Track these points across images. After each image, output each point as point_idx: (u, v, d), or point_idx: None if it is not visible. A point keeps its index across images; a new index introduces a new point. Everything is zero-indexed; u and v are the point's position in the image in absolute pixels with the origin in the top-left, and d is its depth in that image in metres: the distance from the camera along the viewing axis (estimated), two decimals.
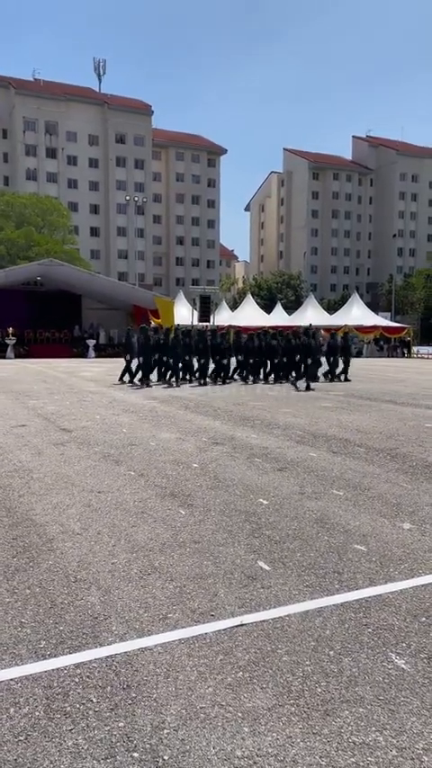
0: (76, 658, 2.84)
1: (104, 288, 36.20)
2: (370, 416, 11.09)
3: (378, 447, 8.08)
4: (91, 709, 2.46)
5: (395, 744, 2.27)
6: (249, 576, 3.79)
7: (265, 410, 11.93)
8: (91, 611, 3.31)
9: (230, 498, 5.56)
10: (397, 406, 12.66)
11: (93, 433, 8.97)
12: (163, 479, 6.26)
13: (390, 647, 2.95)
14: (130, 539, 4.46)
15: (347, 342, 20.52)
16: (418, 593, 3.56)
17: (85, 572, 3.85)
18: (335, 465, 7.00)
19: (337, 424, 10.15)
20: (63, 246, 51.51)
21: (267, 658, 2.84)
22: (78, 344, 35.16)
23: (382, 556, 4.16)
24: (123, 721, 2.39)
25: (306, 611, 3.32)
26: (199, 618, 3.23)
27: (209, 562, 4.01)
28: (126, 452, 7.62)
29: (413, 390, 16.46)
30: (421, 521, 4.96)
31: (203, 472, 6.59)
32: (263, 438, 8.72)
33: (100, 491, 5.79)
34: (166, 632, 3.08)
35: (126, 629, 3.11)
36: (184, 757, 2.18)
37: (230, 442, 8.35)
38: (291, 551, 4.22)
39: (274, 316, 46.50)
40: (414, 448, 8.04)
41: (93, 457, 7.35)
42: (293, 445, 8.19)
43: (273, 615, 3.27)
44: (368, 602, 3.45)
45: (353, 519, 4.98)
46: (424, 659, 2.85)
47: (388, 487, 6.02)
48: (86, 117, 76.09)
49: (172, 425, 9.85)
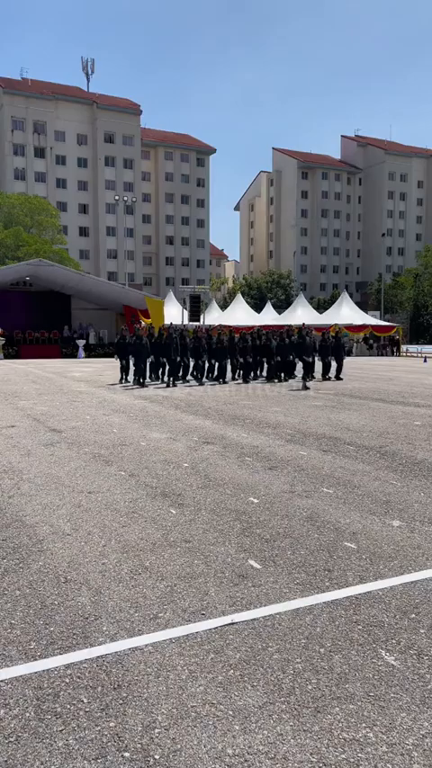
0: (66, 659, 2.83)
1: (94, 288, 36.09)
2: (360, 415, 11.14)
3: (368, 445, 8.11)
4: (81, 710, 2.46)
5: (385, 740, 2.28)
6: (240, 574, 3.80)
7: (256, 409, 11.95)
8: (81, 611, 3.30)
9: (221, 497, 5.56)
10: (386, 405, 12.72)
11: (83, 434, 8.95)
12: (153, 479, 6.25)
13: (380, 644, 2.96)
14: (121, 539, 4.45)
15: (340, 341, 20.59)
16: (407, 590, 3.58)
17: (75, 572, 3.83)
18: (325, 463, 7.03)
19: (327, 422, 10.18)
20: (52, 246, 51.30)
21: (258, 656, 2.84)
22: (68, 345, 35.07)
23: (372, 553, 4.18)
24: (114, 721, 2.38)
25: (297, 609, 3.33)
26: (190, 617, 3.23)
27: (199, 561, 4.01)
28: (116, 452, 7.60)
29: (402, 389, 16.55)
30: (411, 518, 4.99)
31: (194, 471, 6.59)
32: (253, 437, 8.74)
33: (90, 491, 5.77)
34: (157, 632, 3.07)
35: (117, 629, 3.11)
36: (175, 756, 2.18)
37: (221, 442, 8.35)
38: (281, 549, 4.23)
39: (263, 315, 46.53)
40: (403, 446, 8.08)
41: (83, 457, 7.33)
42: (284, 444, 8.21)
43: (263, 613, 3.27)
44: (358, 599, 3.47)
45: (343, 517, 5.00)
46: (413, 655, 2.86)
47: (378, 485, 6.05)
48: (75, 116, 75.82)
49: (162, 425, 9.84)
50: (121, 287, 39.89)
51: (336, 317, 40.86)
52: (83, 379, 19.22)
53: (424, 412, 11.54)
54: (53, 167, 74.24)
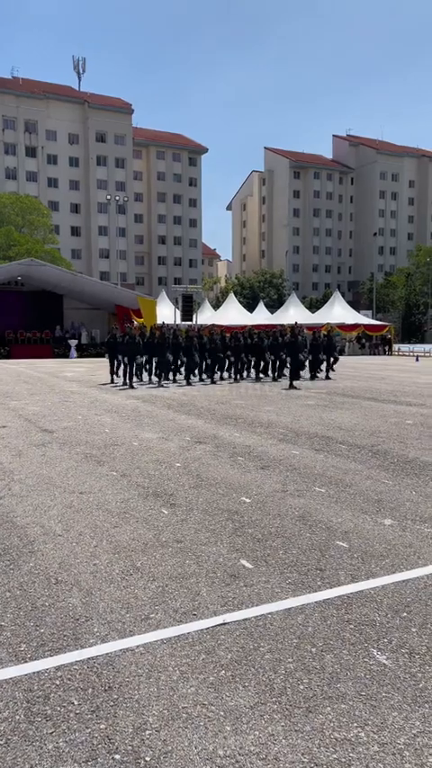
0: (56, 661, 2.81)
1: (86, 287, 35.97)
2: (352, 414, 11.16)
3: (360, 444, 8.13)
4: (72, 712, 2.44)
5: (377, 739, 2.28)
6: (232, 574, 3.79)
7: (248, 408, 11.94)
8: (72, 612, 3.28)
9: (213, 497, 5.55)
10: (378, 404, 12.75)
11: (75, 434, 8.91)
12: (145, 479, 6.23)
13: (371, 643, 2.96)
14: (112, 539, 4.43)
15: (332, 340, 20.63)
16: (399, 589, 3.59)
17: (66, 573, 3.81)
18: (317, 462, 7.03)
19: (320, 421, 10.19)
20: (44, 246, 51.08)
21: (250, 656, 2.84)
22: (60, 345, 34.93)
23: (364, 552, 4.19)
24: (105, 723, 2.37)
25: (288, 609, 3.32)
26: (181, 617, 3.22)
27: (191, 561, 4.00)
28: (108, 453, 7.57)
29: (394, 388, 16.59)
30: (402, 516, 4.99)
31: (186, 471, 6.57)
32: (246, 436, 8.73)
33: (82, 492, 5.75)
34: (148, 632, 3.06)
35: (108, 630, 3.09)
36: (166, 758, 2.17)
37: (213, 441, 8.34)
38: (273, 549, 4.23)
39: (256, 315, 46.53)
40: (395, 444, 8.10)
41: (75, 457, 7.30)
42: (276, 443, 8.21)
43: (255, 613, 3.26)
44: (350, 598, 3.46)
45: (335, 516, 5.00)
46: (405, 654, 2.86)
47: (369, 484, 6.06)
48: (66, 115, 75.51)
49: (154, 425, 9.82)
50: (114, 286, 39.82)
51: (328, 316, 40.91)
52: (75, 379, 19.15)
53: (416, 411, 11.57)
54: (44, 167, 73.91)
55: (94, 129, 76.21)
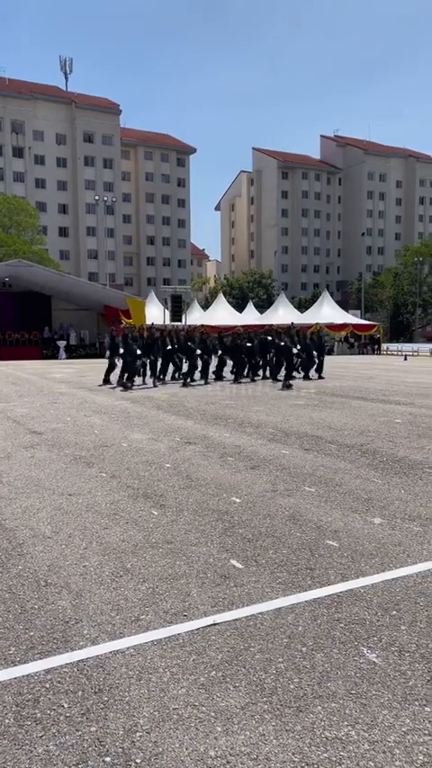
0: (46, 664, 2.79)
1: (75, 288, 35.86)
2: (341, 413, 11.20)
3: (349, 443, 8.16)
4: (62, 715, 2.43)
5: (367, 737, 2.28)
6: (222, 574, 3.79)
7: (238, 409, 11.95)
8: (62, 615, 3.27)
9: (203, 498, 5.55)
10: (367, 403, 12.80)
11: (63, 435, 8.87)
12: (135, 480, 6.22)
13: (361, 642, 2.97)
14: (102, 541, 4.42)
15: (321, 340, 20.71)
16: (388, 587, 3.60)
17: (55, 576, 3.79)
18: (307, 462, 7.04)
19: (309, 421, 10.21)
20: (31, 247, 50.80)
21: (240, 657, 2.84)
22: (49, 346, 34.80)
23: (354, 551, 4.20)
24: (95, 726, 2.36)
25: (279, 609, 3.32)
26: (172, 618, 3.21)
27: (181, 562, 3.99)
28: (97, 454, 7.55)
29: (383, 387, 16.67)
30: (391, 515, 5.02)
31: (176, 472, 6.56)
32: (235, 436, 8.73)
33: (71, 494, 5.72)
34: (139, 634, 3.05)
35: (98, 632, 3.08)
36: (157, 759, 2.16)
37: (203, 442, 8.34)
38: (263, 549, 4.23)
39: (245, 315, 46.61)
40: (384, 443, 8.14)
41: (63, 459, 7.27)
42: (266, 443, 8.22)
43: (245, 613, 3.26)
44: (340, 597, 3.47)
45: (325, 515, 5.01)
46: (395, 652, 2.87)
47: (359, 483, 6.08)
48: (53, 116, 75.22)
49: (144, 426, 9.80)
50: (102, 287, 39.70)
51: (317, 316, 41.06)
52: (64, 381, 19.07)
53: (404, 410, 11.63)
54: (32, 167, 73.57)
55: (81, 130, 75.98)
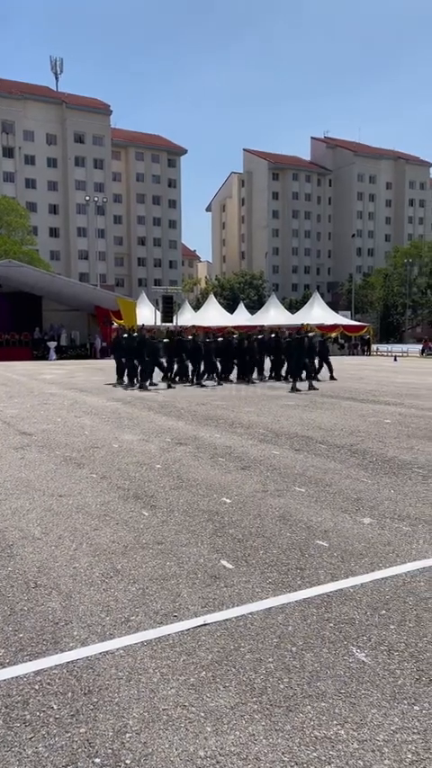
0: (36, 665, 2.78)
1: (65, 289, 35.74)
2: (331, 414, 11.23)
3: (339, 444, 8.18)
4: (51, 717, 2.42)
5: (356, 736, 2.29)
6: (212, 575, 3.79)
7: (229, 409, 11.96)
8: (52, 616, 3.26)
9: (194, 498, 5.55)
10: (357, 403, 12.85)
11: (54, 436, 8.84)
12: (126, 481, 6.21)
13: (351, 641, 2.98)
14: (92, 542, 4.41)
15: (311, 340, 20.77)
16: (378, 587, 3.62)
17: (45, 577, 3.78)
18: (297, 462, 7.06)
19: (300, 421, 10.24)
20: (22, 247, 50.60)
21: (230, 657, 2.84)
22: (39, 347, 34.64)
23: (344, 551, 4.22)
24: (85, 727, 2.35)
25: (269, 609, 3.33)
26: (162, 619, 3.21)
27: (172, 563, 3.99)
28: (88, 455, 7.53)
29: (373, 387, 16.74)
30: (381, 515, 5.04)
31: (167, 473, 6.56)
32: (226, 437, 8.74)
33: (61, 495, 5.70)
34: (129, 635, 3.05)
35: (88, 633, 3.07)
36: (147, 760, 2.16)
37: (194, 442, 8.34)
38: (253, 549, 4.24)
39: (236, 316, 46.67)
40: (374, 444, 8.17)
41: (54, 460, 7.24)
42: (256, 444, 8.23)
43: (236, 614, 3.27)
44: (330, 596, 3.49)
45: (315, 515, 5.03)
46: (384, 651, 2.89)
47: (349, 483, 6.10)
48: (44, 116, 74.99)
49: (135, 427, 9.79)
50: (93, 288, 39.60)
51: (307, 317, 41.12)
52: (54, 382, 19.00)
53: (394, 410, 11.69)
54: (22, 167, 73.28)
55: (71, 130, 75.80)
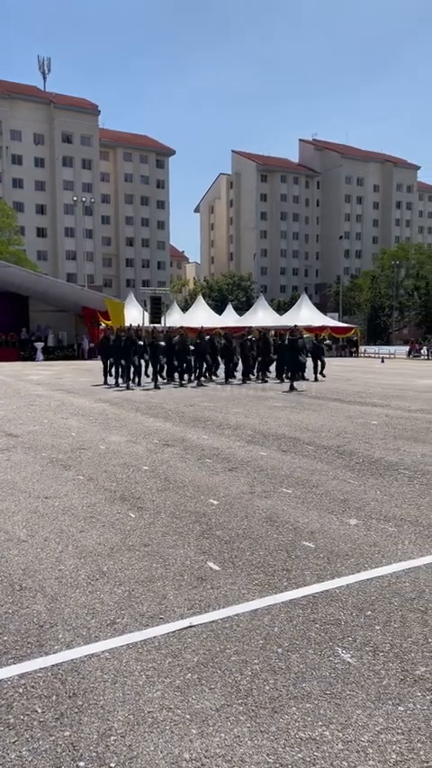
0: (20, 668, 2.76)
1: (52, 289, 35.53)
2: (319, 415, 11.27)
3: (326, 445, 8.21)
4: (36, 720, 2.40)
5: (341, 737, 2.30)
6: (199, 577, 3.79)
7: (217, 411, 11.96)
8: (36, 619, 3.24)
9: (181, 500, 5.54)
10: (345, 405, 12.91)
11: (40, 438, 8.79)
12: (113, 483, 6.18)
13: (336, 642, 2.99)
14: (78, 544, 4.39)
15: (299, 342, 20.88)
16: (363, 588, 3.63)
17: (30, 580, 3.76)
18: (284, 463, 7.08)
19: (287, 423, 10.26)
20: (8, 247, 50.28)
21: (216, 659, 2.84)
22: (26, 347, 34.42)
23: (330, 552, 4.23)
24: (69, 730, 2.34)
25: (255, 610, 3.33)
26: (148, 622, 3.20)
27: (158, 565, 3.98)
28: (75, 456, 7.49)
29: (360, 389, 16.82)
30: (367, 516, 5.06)
31: (154, 474, 6.54)
32: (214, 438, 8.74)
33: (47, 496, 5.67)
34: (114, 638, 3.03)
35: (73, 636, 3.05)
36: (132, 763, 2.15)
37: (181, 444, 8.33)
38: (240, 551, 4.24)
39: (225, 317, 46.68)
40: (361, 445, 8.21)
41: (40, 462, 7.20)
42: (244, 445, 8.24)
43: (222, 615, 3.27)
44: (316, 597, 3.49)
45: (301, 516, 5.04)
46: (369, 652, 2.90)
47: (335, 484, 6.13)
48: (31, 115, 74.55)
49: (122, 428, 9.76)
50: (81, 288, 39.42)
51: (295, 318, 41.24)
52: (41, 383, 18.89)
53: (380, 411, 11.75)
54: (9, 167, 72.82)
55: (59, 130, 75.45)
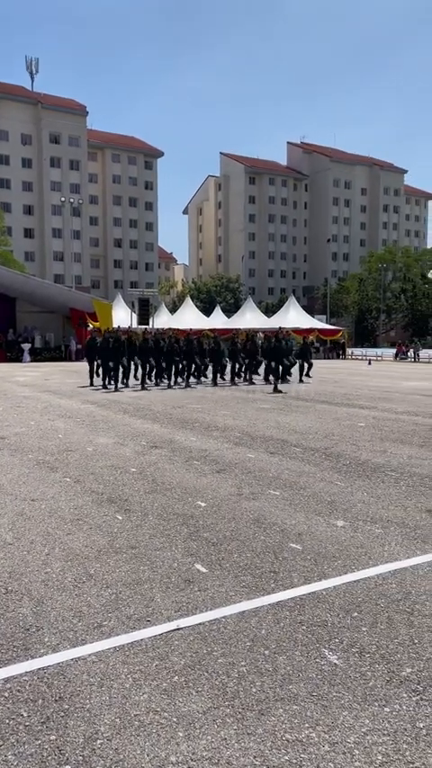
0: (5, 672, 2.74)
1: (40, 290, 35.34)
2: (306, 417, 11.31)
3: (313, 447, 8.24)
4: (21, 724, 2.39)
5: (327, 739, 2.31)
6: (186, 579, 3.78)
7: (205, 413, 11.96)
8: (23, 622, 3.22)
9: (168, 502, 5.53)
10: (332, 407, 12.96)
11: (27, 440, 8.74)
12: (100, 485, 6.16)
13: (323, 644, 3.00)
14: (65, 547, 4.36)
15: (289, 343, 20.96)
16: (350, 589, 3.65)
17: (16, 583, 3.73)
18: (272, 465, 7.09)
19: (275, 425, 10.28)
20: None
21: (203, 661, 2.83)
22: (13, 349, 34.19)
23: (317, 553, 4.24)
24: (55, 734, 2.33)
25: (242, 612, 3.33)
26: (135, 624, 3.19)
27: (145, 567, 3.97)
28: (62, 458, 7.46)
29: (347, 391, 16.90)
30: (354, 518, 5.09)
31: (141, 476, 6.53)
32: (202, 440, 8.73)
33: (34, 499, 5.64)
34: (101, 641, 3.02)
35: (59, 639, 3.04)
36: (118, 767, 2.14)
37: (169, 446, 8.31)
38: (228, 553, 4.24)
39: (213, 319, 46.72)
40: (348, 447, 8.25)
41: (27, 464, 7.15)
42: (232, 447, 8.24)
43: (209, 617, 3.27)
44: (303, 599, 3.50)
45: (289, 518, 5.05)
46: (355, 654, 2.91)
47: (323, 486, 6.15)
48: (19, 116, 74.20)
49: (110, 430, 9.72)
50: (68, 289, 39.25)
51: (283, 320, 41.38)
52: (28, 384, 18.78)
53: (367, 413, 11.81)
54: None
55: (47, 131, 75.17)
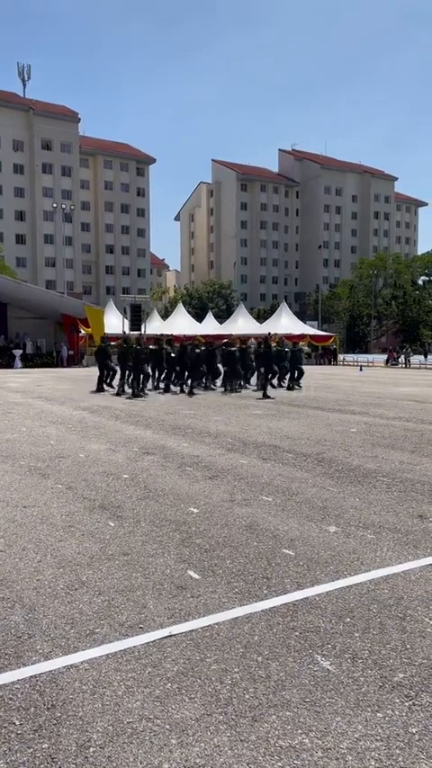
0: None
1: (31, 296, 35.31)
2: (298, 423, 11.33)
3: (306, 452, 8.25)
4: (13, 732, 2.37)
5: (320, 745, 2.31)
6: (179, 585, 3.78)
7: (197, 419, 11.96)
8: (14, 630, 3.20)
9: (161, 508, 5.52)
10: (324, 413, 12.99)
11: (18, 446, 8.70)
12: (92, 491, 6.14)
13: (316, 650, 3.00)
14: (57, 554, 4.35)
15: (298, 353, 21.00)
16: (343, 595, 3.65)
17: (8, 590, 3.71)
18: (264, 471, 7.10)
19: (267, 431, 10.30)
20: None
21: (196, 668, 2.83)
22: (4, 355, 34.08)
23: (310, 559, 4.25)
24: (47, 742, 2.31)
25: (235, 618, 3.33)
26: (127, 631, 3.18)
27: (138, 574, 3.96)
28: (54, 465, 7.43)
29: (339, 397, 16.95)
30: (346, 523, 5.10)
31: (134, 483, 6.52)
32: (194, 446, 8.73)
33: (25, 506, 5.61)
34: (93, 648, 3.01)
35: (51, 647, 3.02)
36: None
37: (161, 452, 8.30)
38: (220, 559, 4.24)
39: (205, 325, 46.77)
40: (340, 452, 8.27)
41: (18, 471, 7.12)
42: (224, 453, 8.24)
43: (202, 624, 3.26)
44: (295, 605, 3.51)
45: (281, 524, 5.06)
46: (348, 659, 2.92)
47: (315, 492, 6.16)
48: (11, 122, 74.17)
49: (102, 436, 9.70)
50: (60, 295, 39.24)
51: (275, 326, 41.49)
52: (19, 390, 18.72)
53: (359, 419, 11.85)
54: None
55: (39, 137, 75.20)
